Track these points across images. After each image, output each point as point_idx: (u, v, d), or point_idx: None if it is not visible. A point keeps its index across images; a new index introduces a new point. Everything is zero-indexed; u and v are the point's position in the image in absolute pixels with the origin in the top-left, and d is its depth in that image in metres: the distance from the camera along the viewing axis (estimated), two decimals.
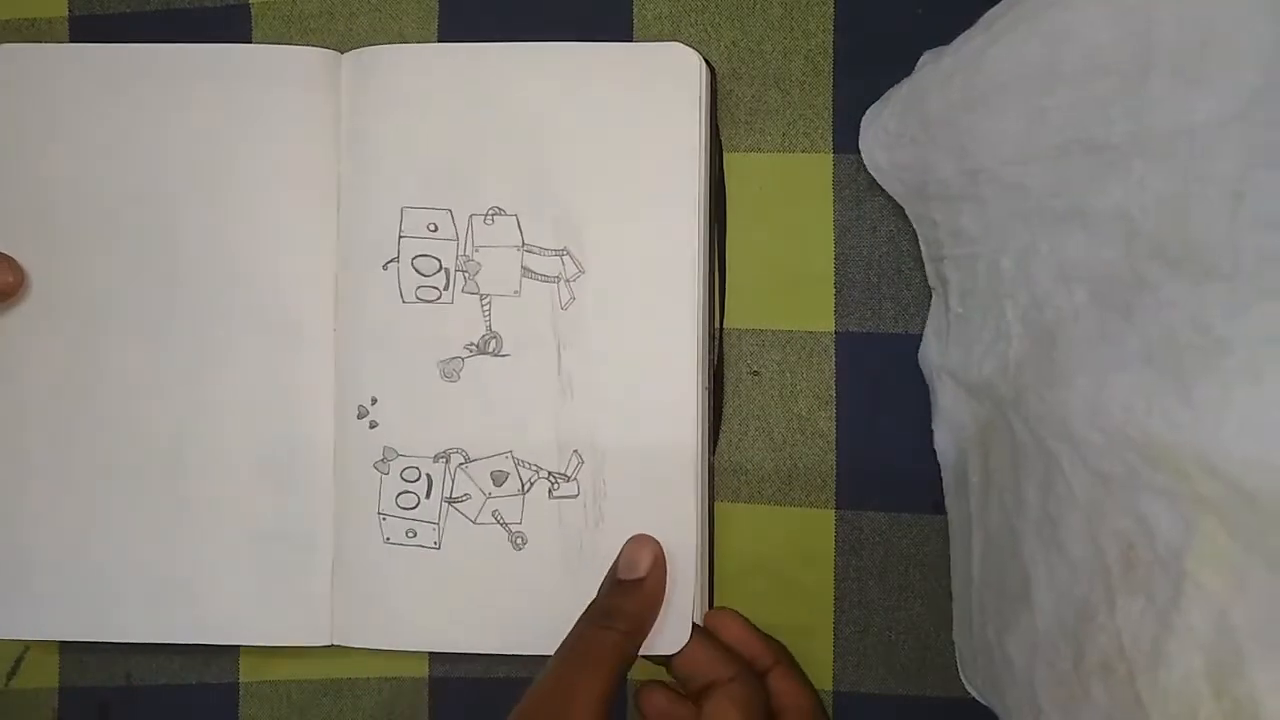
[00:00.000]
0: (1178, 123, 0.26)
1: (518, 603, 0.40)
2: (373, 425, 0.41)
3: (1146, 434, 0.25)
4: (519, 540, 0.40)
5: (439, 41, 0.43)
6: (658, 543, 0.38)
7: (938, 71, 0.34)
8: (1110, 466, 0.26)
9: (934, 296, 0.38)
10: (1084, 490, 0.28)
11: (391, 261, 0.41)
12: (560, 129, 0.40)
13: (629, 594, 0.37)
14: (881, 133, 0.37)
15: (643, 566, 0.37)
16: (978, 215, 0.34)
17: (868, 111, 0.38)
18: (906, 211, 0.38)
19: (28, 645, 0.45)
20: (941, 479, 0.39)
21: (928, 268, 0.38)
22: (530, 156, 0.40)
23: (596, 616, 0.37)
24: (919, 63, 0.37)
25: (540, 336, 0.40)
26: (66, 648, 0.45)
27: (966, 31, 0.33)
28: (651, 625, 0.37)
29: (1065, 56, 0.28)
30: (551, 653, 0.36)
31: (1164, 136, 0.26)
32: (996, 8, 0.32)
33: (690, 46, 0.40)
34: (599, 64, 0.40)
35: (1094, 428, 0.27)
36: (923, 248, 0.38)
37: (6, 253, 0.41)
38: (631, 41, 0.42)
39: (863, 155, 0.38)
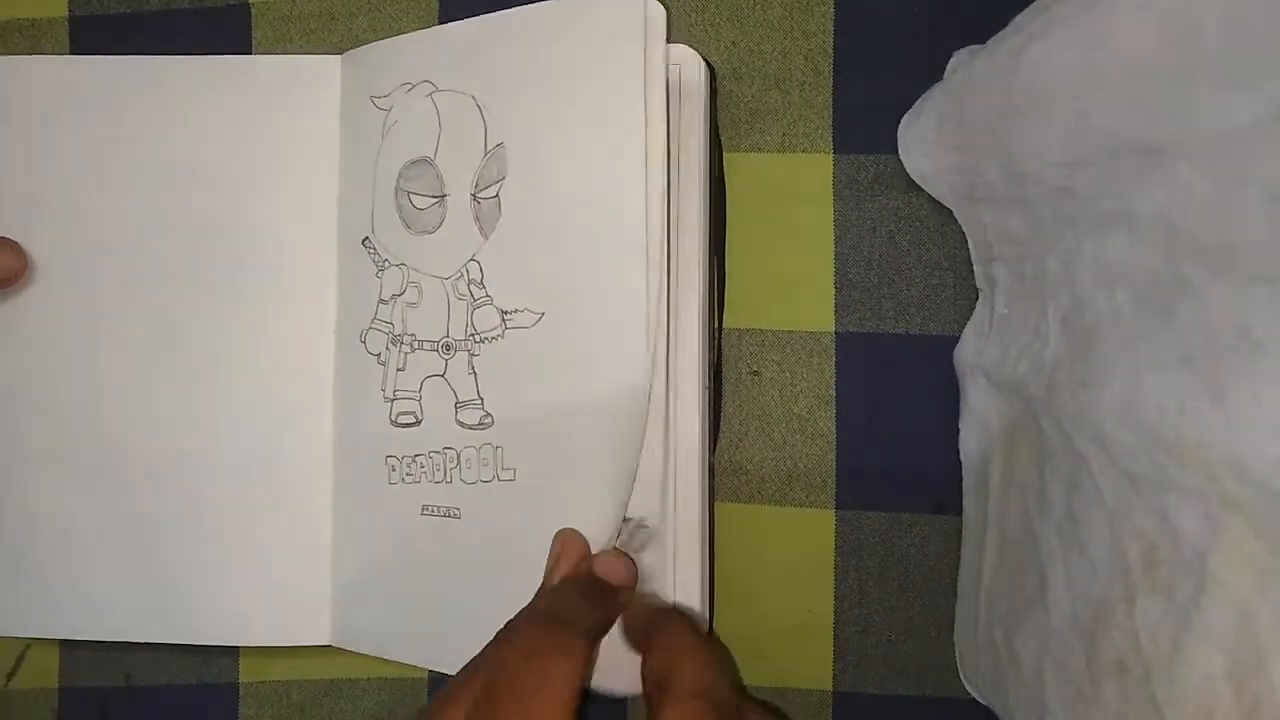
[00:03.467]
0: (1222, 125, 0.25)
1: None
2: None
3: (1178, 434, 0.25)
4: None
5: None
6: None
7: (972, 76, 0.33)
8: (1139, 467, 0.26)
9: (980, 298, 0.38)
10: (1111, 490, 0.27)
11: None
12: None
13: (607, 599, 0.35)
14: (922, 140, 0.36)
15: (623, 575, 0.36)
16: (1025, 218, 0.33)
17: (903, 120, 0.37)
18: (956, 214, 0.37)
19: (28, 645, 0.45)
20: (942, 479, 0.39)
21: (976, 269, 0.38)
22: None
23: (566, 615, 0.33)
24: (949, 65, 0.37)
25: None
26: (66, 647, 0.44)
27: (999, 34, 0.33)
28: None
29: (1106, 60, 0.28)
30: None
31: (1208, 139, 0.26)
32: (1028, 11, 0.32)
33: (689, 46, 0.39)
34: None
35: (1126, 427, 0.27)
36: (972, 250, 0.38)
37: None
38: None
39: (905, 163, 0.37)
